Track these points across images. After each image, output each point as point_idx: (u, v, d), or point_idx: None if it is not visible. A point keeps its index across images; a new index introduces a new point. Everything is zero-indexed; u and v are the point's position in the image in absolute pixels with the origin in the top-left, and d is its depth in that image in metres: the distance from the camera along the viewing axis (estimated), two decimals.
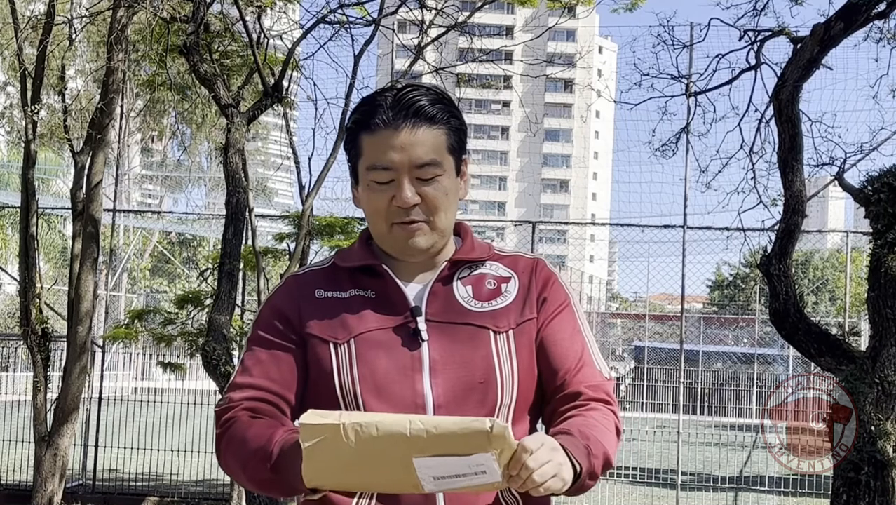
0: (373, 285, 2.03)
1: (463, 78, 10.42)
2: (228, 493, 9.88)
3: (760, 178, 8.78)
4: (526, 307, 2.04)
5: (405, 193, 1.96)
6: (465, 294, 2.04)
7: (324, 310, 2.02)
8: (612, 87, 13.15)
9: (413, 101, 1.96)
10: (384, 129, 1.95)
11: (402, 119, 1.95)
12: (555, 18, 10.09)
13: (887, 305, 6.11)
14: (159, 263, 36.13)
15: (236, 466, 1.97)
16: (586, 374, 2.04)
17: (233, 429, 1.97)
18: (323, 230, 9.72)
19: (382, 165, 1.96)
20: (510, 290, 2.05)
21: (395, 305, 2.01)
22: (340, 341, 1.98)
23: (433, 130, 1.97)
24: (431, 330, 1.98)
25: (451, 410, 1.93)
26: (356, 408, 1.94)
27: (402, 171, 1.96)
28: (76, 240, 8.91)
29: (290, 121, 9.76)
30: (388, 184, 1.97)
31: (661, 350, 29.00)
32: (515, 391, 1.99)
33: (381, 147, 1.96)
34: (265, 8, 8.71)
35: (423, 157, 1.96)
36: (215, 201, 33.16)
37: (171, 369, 10.42)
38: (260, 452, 1.88)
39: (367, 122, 1.98)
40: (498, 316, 2.01)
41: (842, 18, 6.66)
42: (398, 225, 1.99)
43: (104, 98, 8.61)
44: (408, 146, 1.95)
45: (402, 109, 1.96)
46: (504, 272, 2.08)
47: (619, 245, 23.81)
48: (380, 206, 1.99)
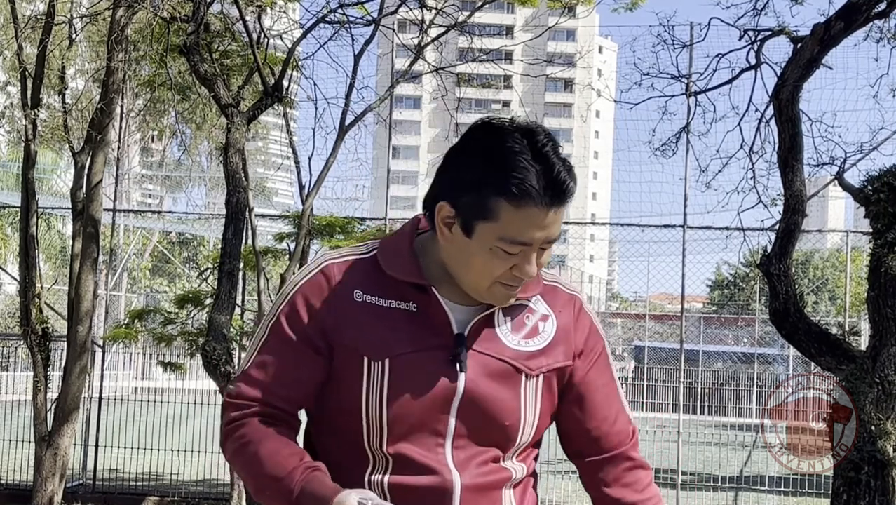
0: (415, 298, 1.94)
1: (463, 78, 10.42)
2: (228, 493, 9.88)
3: (760, 178, 8.80)
4: (561, 353, 2.01)
5: (533, 269, 1.90)
6: (506, 328, 1.98)
7: (360, 317, 1.93)
8: (612, 86, 13.14)
9: (565, 181, 1.85)
10: (533, 207, 1.83)
11: (554, 200, 1.84)
12: (555, 18, 10.09)
13: (887, 305, 6.11)
14: (159, 263, 36.11)
15: (246, 477, 1.95)
16: (621, 424, 2.06)
17: (244, 437, 1.93)
18: (323, 230, 9.73)
19: (523, 242, 1.86)
20: (548, 330, 2.01)
21: (437, 326, 1.94)
22: (375, 359, 1.91)
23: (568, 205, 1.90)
24: (469, 359, 1.93)
25: (470, 442, 1.94)
26: (378, 429, 1.92)
27: (536, 246, 1.88)
28: (76, 240, 8.90)
29: (290, 121, 9.77)
30: (516, 254, 1.88)
31: (661, 350, 29.00)
32: (532, 434, 2.00)
33: (526, 225, 1.84)
34: (265, 8, 8.71)
35: (557, 232, 1.89)
36: (215, 201, 33.12)
37: (171, 369, 10.43)
38: (279, 485, 1.86)
39: (508, 188, 1.82)
40: (532, 357, 1.97)
41: (842, 18, 6.66)
42: (503, 285, 1.91)
43: (104, 98, 8.60)
44: (551, 225, 1.87)
45: (554, 190, 1.84)
46: (543, 309, 2.03)
47: (619, 245, 23.80)
48: (497, 272, 1.89)
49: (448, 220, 1.90)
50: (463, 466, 1.93)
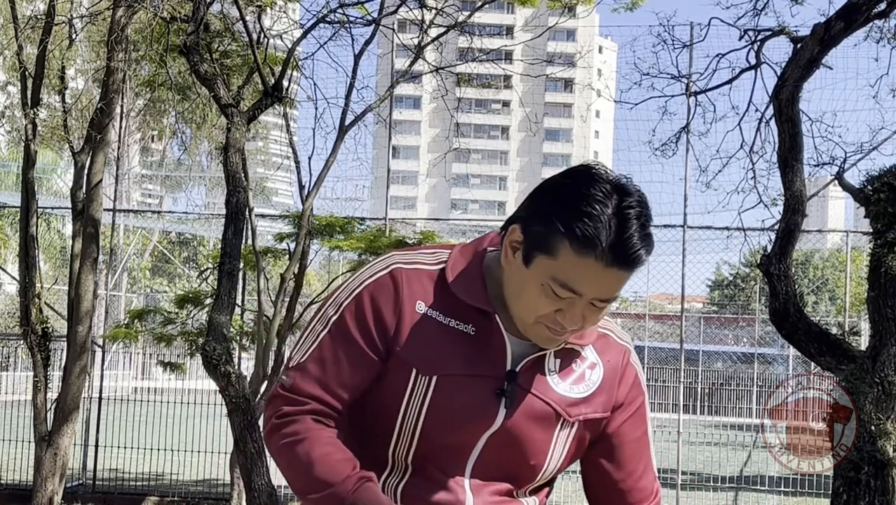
0: (475, 322, 1.91)
1: (463, 78, 10.43)
2: (228, 493, 9.88)
3: (760, 178, 8.80)
4: (601, 403, 1.98)
5: (577, 320, 1.85)
6: (554, 369, 1.95)
7: (418, 329, 1.90)
8: (612, 86, 13.15)
9: (636, 251, 1.79)
10: (594, 261, 1.78)
11: (618, 263, 1.78)
12: (555, 18, 10.09)
13: (887, 305, 6.11)
14: (159, 263, 36.11)
15: (293, 475, 1.92)
16: (646, 481, 2.06)
17: (297, 434, 1.90)
18: (323, 230, 9.73)
19: (573, 289, 1.81)
20: (594, 379, 1.98)
21: (492, 355, 1.91)
22: (423, 373, 1.89)
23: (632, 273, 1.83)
24: (515, 395, 1.91)
25: (491, 473, 1.93)
26: (409, 441, 1.91)
27: (586, 299, 1.83)
28: (76, 240, 8.90)
29: (290, 121, 9.76)
30: (564, 298, 1.83)
31: (661, 350, 28.98)
32: (552, 474, 2.01)
33: (580, 274, 1.79)
34: (265, 8, 8.71)
35: (613, 294, 1.84)
36: (215, 201, 33.11)
37: (171, 369, 10.43)
38: (331, 491, 1.84)
39: (575, 232, 1.78)
40: (574, 404, 1.95)
41: (842, 18, 6.66)
42: (546, 327, 1.87)
43: (104, 98, 8.61)
44: (607, 285, 1.82)
45: (620, 254, 1.78)
46: (592, 357, 2.00)
47: None
48: (542, 310, 1.84)
49: (515, 245, 1.87)
50: (478, 491, 1.93)
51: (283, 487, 10.24)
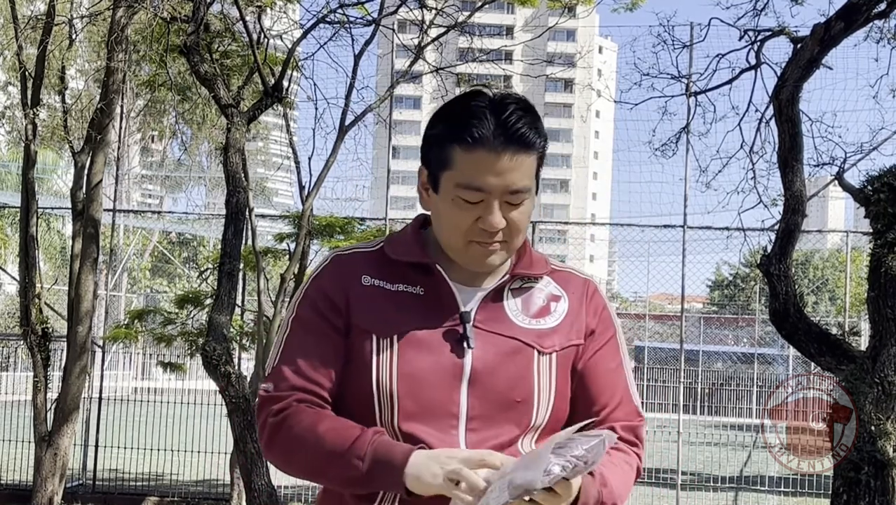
0: (422, 282, 1.98)
1: (463, 78, 10.42)
2: (228, 493, 9.89)
3: (760, 178, 8.80)
4: (573, 331, 2.01)
5: (495, 219, 1.91)
6: (515, 307, 2.00)
7: (369, 299, 1.96)
8: (612, 87, 13.14)
9: (517, 127, 1.89)
10: (483, 150, 1.88)
11: (504, 143, 1.88)
12: (555, 18, 10.10)
13: (887, 305, 6.11)
14: (159, 263, 36.11)
15: (307, 464, 1.91)
16: (623, 412, 2.04)
17: (301, 423, 1.91)
18: (323, 230, 9.73)
19: (477, 187, 1.89)
20: (560, 310, 2.02)
21: (444, 306, 1.96)
22: (383, 336, 1.93)
23: (530, 157, 1.92)
24: (477, 338, 1.94)
25: (484, 424, 1.92)
26: (389, 405, 1.92)
27: (495, 195, 1.90)
28: (76, 240, 8.91)
29: (290, 121, 9.76)
30: (476, 203, 1.91)
31: (661, 350, 28.99)
32: (549, 415, 1.99)
33: (479, 169, 1.89)
34: (265, 8, 8.71)
35: (517, 183, 1.91)
36: (215, 201, 33.12)
37: (171, 369, 10.43)
38: (349, 459, 1.84)
39: (461, 134, 1.89)
40: (544, 336, 1.98)
41: (842, 18, 6.66)
42: (477, 244, 1.94)
43: (104, 98, 8.61)
44: (506, 172, 1.89)
45: (505, 133, 1.88)
46: (555, 290, 2.04)
47: (619, 245, 23.81)
48: (463, 224, 1.92)
49: (425, 184, 1.99)
50: (476, 449, 1.90)
51: (283, 487, 10.25)
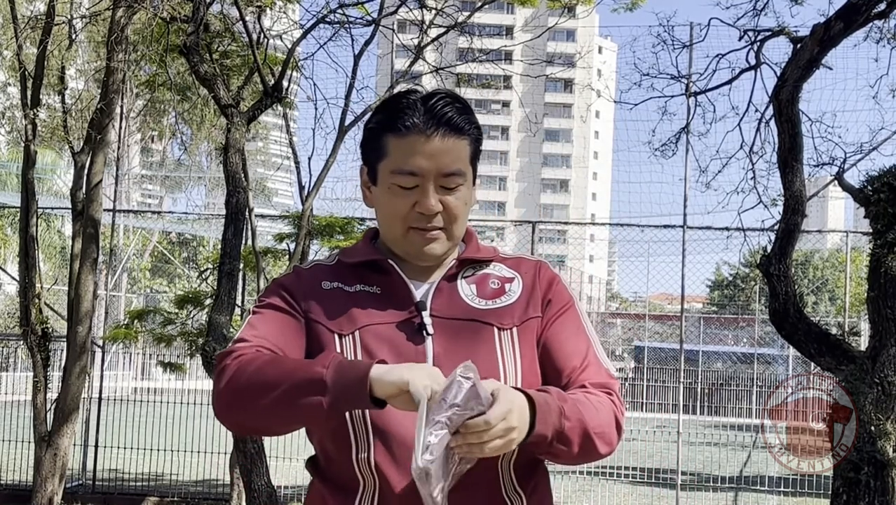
0: (378, 282, 2.04)
1: (463, 78, 10.42)
2: (228, 493, 9.88)
3: (760, 178, 8.79)
4: (530, 306, 2.05)
5: (430, 201, 1.97)
6: (470, 292, 2.05)
7: (329, 300, 2.02)
8: (612, 87, 13.14)
9: (445, 111, 1.96)
10: (414, 135, 1.96)
11: (434, 127, 1.95)
12: (555, 18, 10.09)
13: (887, 305, 6.11)
14: (159, 263, 36.12)
15: (261, 392, 1.86)
16: (591, 372, 2.03)
17: (255, 360, 1.90)
18: (323, 230, 9.73)
19: (410, 171, 1.96)
20: (514, 289, 2.07)
21: (400, 300, 2.01)
22: (345, 333, 1.97)
23: (460, 141, 1.98)
24: (436, 325, 1.98)
25: None
26: None
27: (429, 178, 1.96)
28: (76, 240, 8.90)
29: (290, 121, 9.76)
30: (412, 189, 1.97)
31: (661, 350, 29.03)
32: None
33: (410, 152, 1.96)
34: (265, 8, 8.70)
35: (450, 166, 1.97)
36: (215, 201, 33.14)
37: (171, 369, 10.42)
38: (313, 362, 1.84)
39: (394, 124, 1.98)
40: (502, 314, 2.02)
41: (842, 18, 6.65)
42: (416, 230, 2.00)
43: (104, 98, 8.61)
44: (437, 154, 1.96)
45: (433, 117, 1.96)
46: (507, 273, 2.10)
47: (619, 245, 23.81)
48: (400, 211, 1.99)
49: (366, 181, 2.07)
50: None
51: (283, 488, 10.25)
